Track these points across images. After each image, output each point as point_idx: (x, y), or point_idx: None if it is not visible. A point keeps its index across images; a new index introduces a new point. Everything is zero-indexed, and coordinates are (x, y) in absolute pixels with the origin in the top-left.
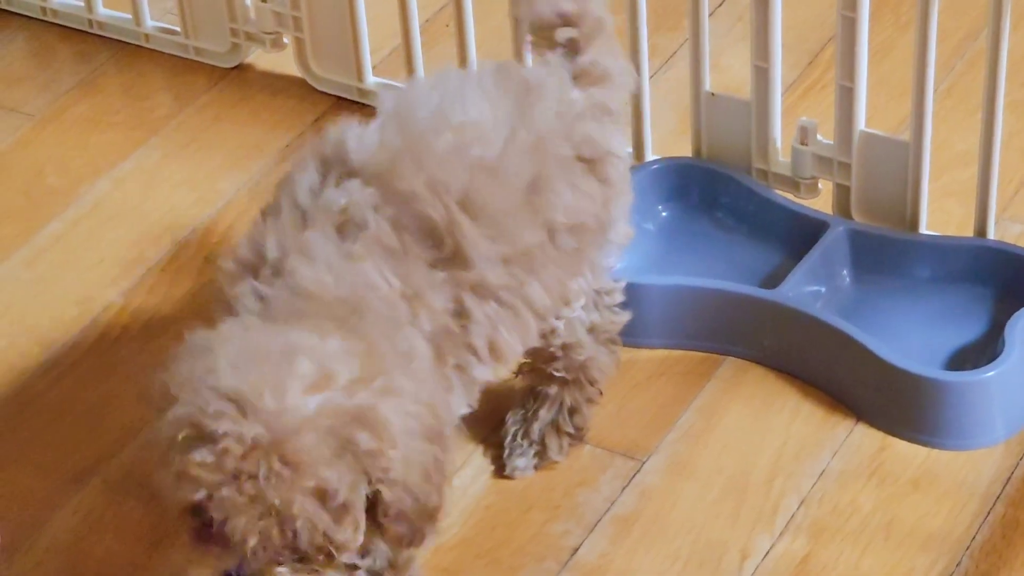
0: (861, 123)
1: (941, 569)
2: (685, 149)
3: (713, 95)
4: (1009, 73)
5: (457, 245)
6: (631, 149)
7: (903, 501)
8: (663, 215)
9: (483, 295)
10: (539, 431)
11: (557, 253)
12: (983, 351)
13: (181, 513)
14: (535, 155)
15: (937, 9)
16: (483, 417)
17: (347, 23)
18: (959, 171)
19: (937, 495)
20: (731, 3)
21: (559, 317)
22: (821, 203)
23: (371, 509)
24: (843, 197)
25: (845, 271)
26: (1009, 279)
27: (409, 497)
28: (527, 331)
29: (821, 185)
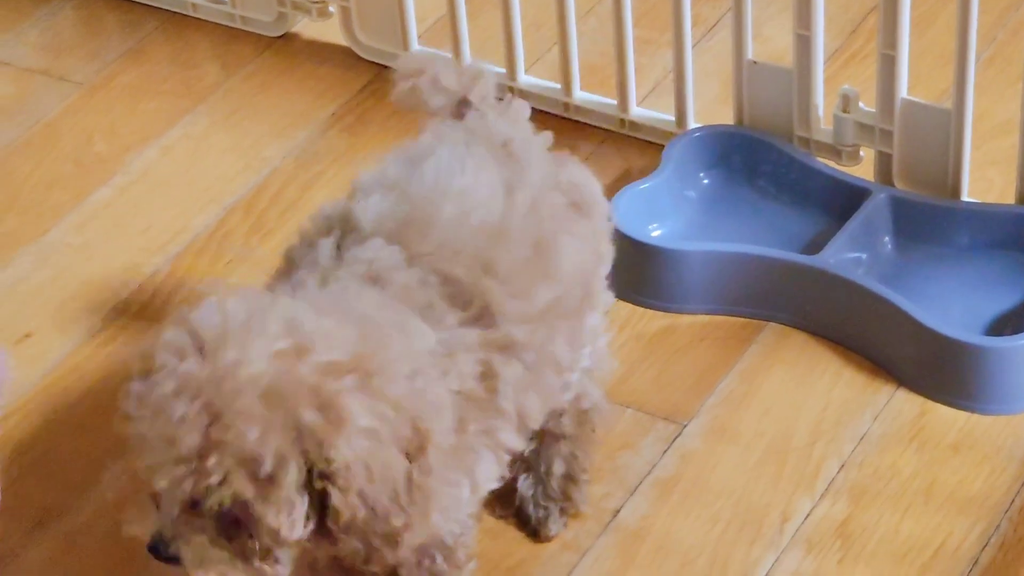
0: (903, 91)
1: (980, 532)
2: (727, 117)
3: (755, 63)
4: None
5: (484, 304)
6: (674, 117)
7: (943, 465)
8: (705, 183)
9: (510, 355)
10: (558, 488)
11: (569, 303)
12: (1023, 317)
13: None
14: (535, 212)
15: None
16: None
17: None
18: (1001, 140)
19: (977, 459)
20: None
21: (574, 369)
22: (863, 171)
23: (323, 512)
24: (885, 165)
25: (887, 238)
26: None
27: (364, 508)
28: (551, 391)
29: (863, 153)
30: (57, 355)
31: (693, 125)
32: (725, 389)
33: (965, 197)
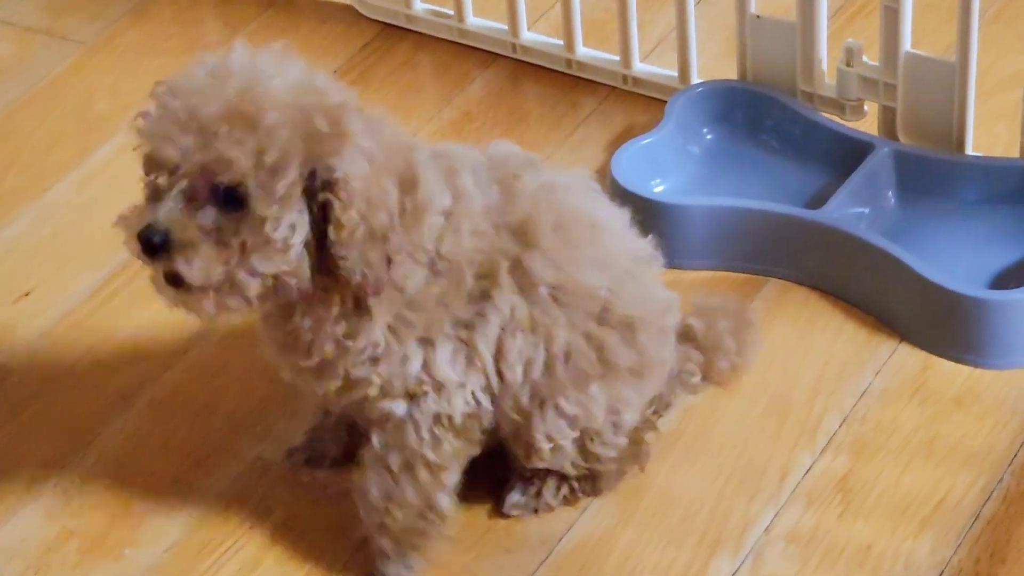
0: (907, 44)
1: (982, 486)
2: (731, 72)
3: (759, 17)
4: None
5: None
6: (677, 73)
7: (945, 419)
8: (708, 138)
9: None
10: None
11: None
12: None
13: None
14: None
15: None
16: None
17: None
18: (1008, 94)
19: (979, 413)
20: None
21: None
22: (867, 125)
23: (322, 239)
24: (889, 119)
25: (890, 192)
26: None
27: (364, 225)
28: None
29: (867, 107)
30: (57, 312)
31: (696, 81)
32: None
33: (970, 151)
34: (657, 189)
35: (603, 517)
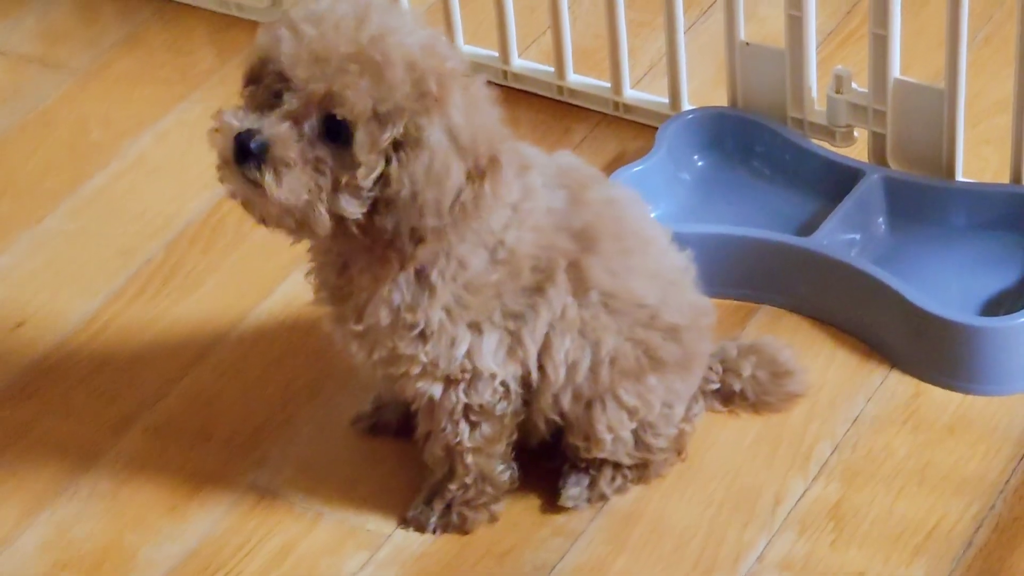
0: (896, 71)
1: (975, 512)
2: (721, 99)
3: (748, 44)
4: None
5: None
6: (668, 100)
7: (937, 446)
8: (699, 164)
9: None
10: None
11: None
12: (1019, 298)
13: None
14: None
15: None
16: None
17: None
18: (997, 119)
19: (971, 440)
20: None
21: None
22: (857, 152)
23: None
24: (879, 145)
25: (880, 219)
26: None
27: (409, 190)
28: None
29: (857, 133)
30: (51, 341)
31: (687, 107)
32: None
33: (960, 177)
34: None
35: (596, 545)
